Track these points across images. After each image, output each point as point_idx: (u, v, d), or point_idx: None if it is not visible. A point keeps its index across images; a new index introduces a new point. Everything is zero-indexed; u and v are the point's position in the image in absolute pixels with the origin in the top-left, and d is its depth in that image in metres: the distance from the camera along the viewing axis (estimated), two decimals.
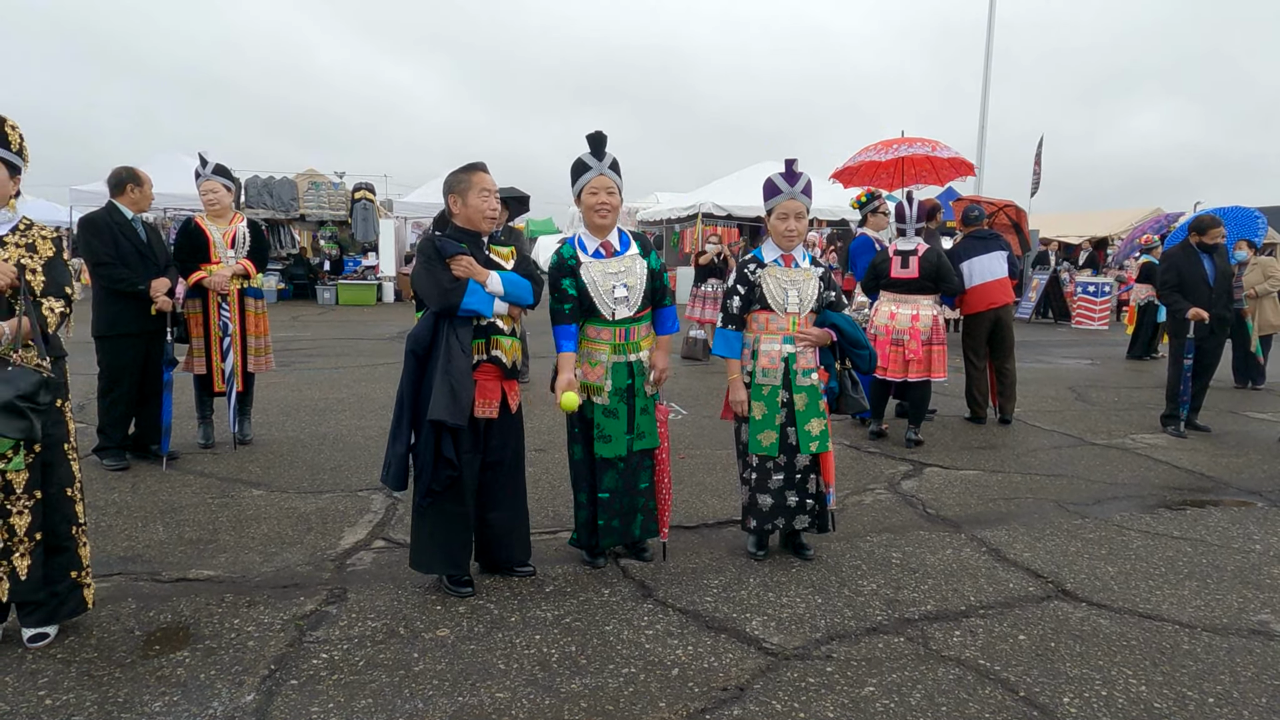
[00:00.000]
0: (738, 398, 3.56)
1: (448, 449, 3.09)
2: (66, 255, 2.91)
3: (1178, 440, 6.28)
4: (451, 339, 3.09)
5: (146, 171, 5.02)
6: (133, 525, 3.91)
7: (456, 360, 3.07)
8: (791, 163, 3.56)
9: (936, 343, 5.75)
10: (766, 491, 3.58)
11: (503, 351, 3.24)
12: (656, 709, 2.47)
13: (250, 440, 5.47)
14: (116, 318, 4.73)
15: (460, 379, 3.05)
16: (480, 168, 3.27)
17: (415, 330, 3.18)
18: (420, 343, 3.15)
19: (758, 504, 3.59)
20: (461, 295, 3.10)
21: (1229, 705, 2.57)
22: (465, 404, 3.06)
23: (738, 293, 3.58)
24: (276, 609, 3.07)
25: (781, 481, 3.58)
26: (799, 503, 3.60)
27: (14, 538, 2.69)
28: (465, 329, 3.14)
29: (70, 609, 2.83)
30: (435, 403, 3.00)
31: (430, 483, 3.10)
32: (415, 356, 3.15)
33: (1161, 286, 6.53)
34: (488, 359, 3.21)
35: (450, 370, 3.04)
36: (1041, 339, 13.74)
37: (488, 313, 3.17)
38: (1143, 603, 3.32)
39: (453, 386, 3.02)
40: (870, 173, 9.13)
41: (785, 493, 3.58)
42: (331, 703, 2.46)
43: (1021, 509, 4.52)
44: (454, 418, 3.02)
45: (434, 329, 3.14)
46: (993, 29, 16.59)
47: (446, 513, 3.20)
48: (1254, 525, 4.32)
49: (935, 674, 2.71)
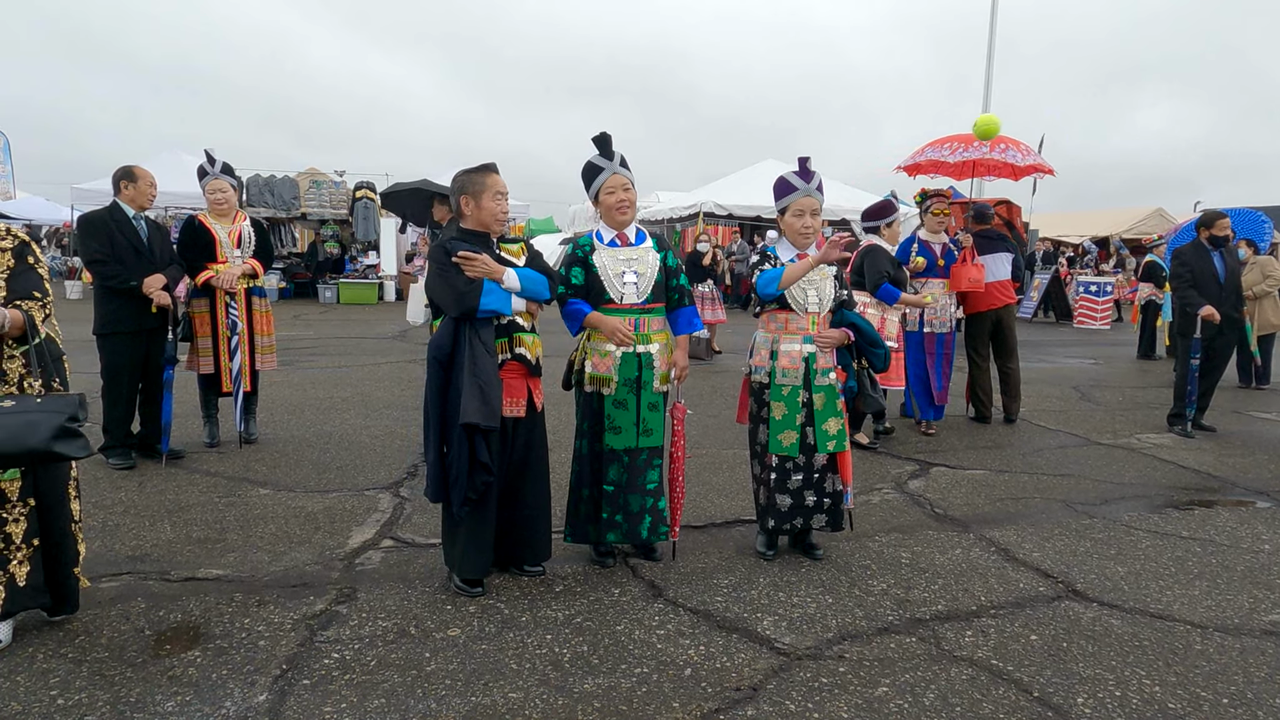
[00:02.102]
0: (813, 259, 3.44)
1: (483, 453, 3.05)
2: (39, 256, 2.83)
3: (1183, 440, 6.27)
4: (475, 341, 3.06)
5: (149, 169, 5.01)
6: (140, 524, 3.90)
7: (482, 361, 3.04)
8: (805, 160, 3.57)
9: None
10: (786, 492, 3.57)
11: (526, 349, 3.23)
12: (670, 709, 2.47)
13: (256, 439, 5.46)
14: (114, 316, 4.73)
15: (489, 380, 3.02)
16: (492, 169, 3.26)
17: (436, 338, 3.15)
18: (443, 350, 3.11)
19: (776, 504, 3.57)
20: (478, 297, 3.08)
21: (1244, 706, 2.56)
22: (496, 405, 3.03)
23: (767, 259, 3.60)
24: (286, 608, 3.06)
25: (801, 481, 3.57)
26: (817, 502, 3.60)
27: (10, 545, 2.69)
28: (487, 329, 3.12)
29: (71, 606, 2.85)
30: (466, 407, 2.97)
31: (467, 491, 3.07)
32: (439, 364, 3.11)
33: (1176, 281, 6.51)
34: (512, 357, 3.20)
35: (478, 372, 3.01)
36: (1044, 339, 13.73)
37: (507, 311, 3.15)
38: (1154, 603, 3.31)
39: (481, 388, 2.99)
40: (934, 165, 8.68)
41: (804, 492, 3.57)
42: (344, 703, 2.45)
43: (1029, 509, 4.51)
44: (486, 420, 2.99)
45: (455, 334, 3.11)
46: (994, 23, 16.57)
47: (477, 517, 3.17)
48: (1262, 525, 4.31)
49: (948, 674, 2.70)
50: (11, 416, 2.48)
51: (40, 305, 2.75)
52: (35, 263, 2.80)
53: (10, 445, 2.45)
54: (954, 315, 6.29)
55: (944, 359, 6.18)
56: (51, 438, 2.50)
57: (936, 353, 6.13)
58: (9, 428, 2.45)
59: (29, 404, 2.54)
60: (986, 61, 16.60)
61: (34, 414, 2.50)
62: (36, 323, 2.71)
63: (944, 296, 6.13)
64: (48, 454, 2.52)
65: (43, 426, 2.49)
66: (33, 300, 2.73)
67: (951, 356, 6.25)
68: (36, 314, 2.71)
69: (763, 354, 3.61)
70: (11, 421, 2.47)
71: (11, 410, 2.49)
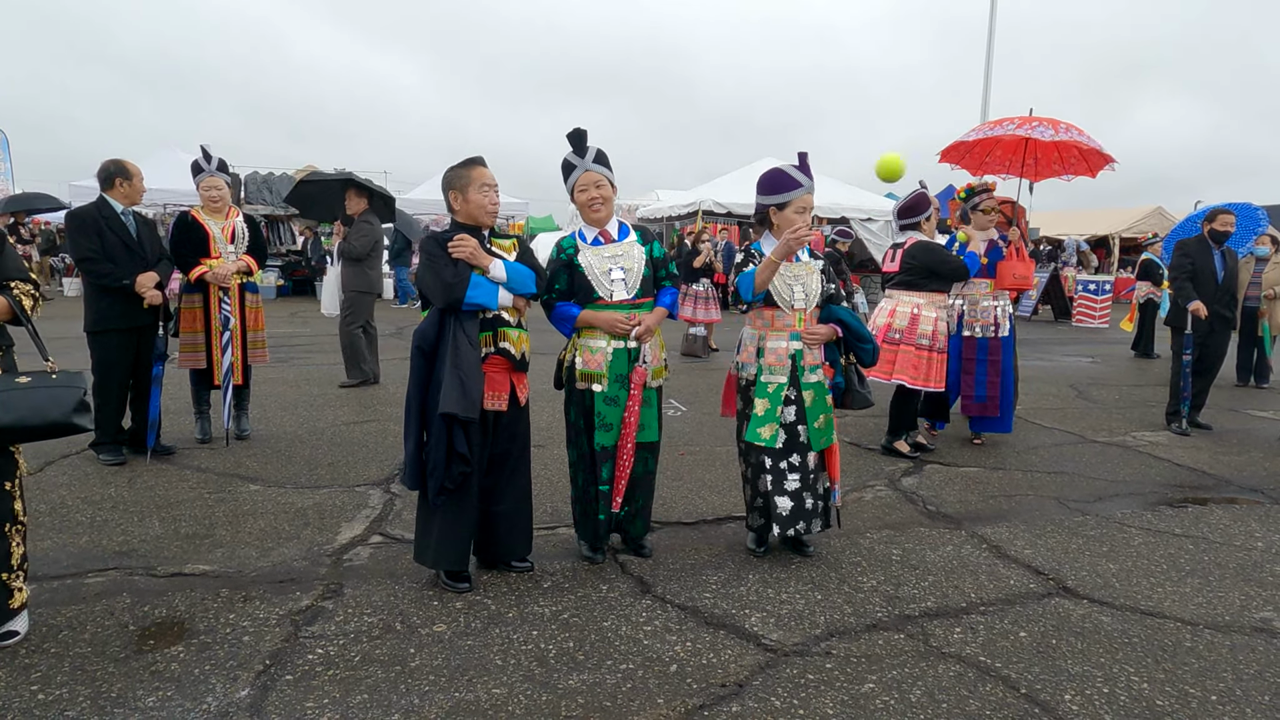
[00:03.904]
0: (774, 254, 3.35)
1: (460, 444, 3.05)
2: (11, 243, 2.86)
3: (1179, 438, 6.26)
4: (459, 333, 3.07)
5: (142, 166, 5.00)
6: (129, 520, 3.89)
7: (465, 353, 3.05)
8: (804, 155, 3.52)
9: (908, 343, 5.28)
10: (784, 493, 3.51)
11: (510, 343, 3.22)
12: (654, 705, 2.45)
13: (248, 435, 5.45)
14: (105, 313, 4.70)
15: (469, 372, 3.03)
16: (479, 162, 3.26)
17: (421, 327, 3.15)
18: (427, 339, 3.12)
19: (776, 508, 3.49)
20: (465, 289, 3.08)
21: (1232, 703, 2.55)
22: (475, 397, 3.04)
23: (751, 259, 3.49)
24: (272, 604, 3.04)
25: (799, 483, 3.53)
26: (814, 505, 3.56)
27: None
28: (472, 322, 3.12)
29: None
30: (445, 396, 2.98)
31: (444, 480, 3.06)
32: (422, 353, 3.12)
33: (1175, 271, 6.49)
34: (496, 351, 3.20)
35: (459, 364, 3.02)
36: (1042, 337, 13.71)
37: (493, 305, 3.15)
38: (1144, 600, 3.29)
39: (462, 380, 3.00)
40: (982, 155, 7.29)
41: (803, 494, 3.53)
42: (327, 698, 2.44)
43: (1023, 506, 4.50)
44: (465, 410, 2.99)
45: (440, 325, 3.12)
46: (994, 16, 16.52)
47: (454, 508, 3.17)
48: (1255, 523, 4.30)
49: (936, 671, 2.69)
50: (35, 391, 2.58)
51: (34, 285, 2.81)
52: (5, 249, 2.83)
53: (34, 418, 2.55)
54: (1002, 317, 5.67)
55: (987, 365, 5.64)
56: (73, 410, 2.60)
57: (977, 358, 5.66)
58: (33, 401, 2.56)
59: (47, 380, 2.63)
60: (985, 60, 16.57)
61: (56, 388, 2.61)
62: (26, 307, 2.75)
63: (986, 298, 5.66)
64: (68, 426, 2.61)
65: (66, 399, 2.60)
66: (29, 283, 2.79)
67: (1001, 364, 5.64)
68: (26, 301, 2.75)
69: (749, 350, 3.58)
70: (36, 396, 2.57)
71: (32, 385, 2.59)
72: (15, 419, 2.52)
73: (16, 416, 2.52)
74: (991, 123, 7.19)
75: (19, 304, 2.71)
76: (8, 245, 2.80)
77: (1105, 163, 6.94)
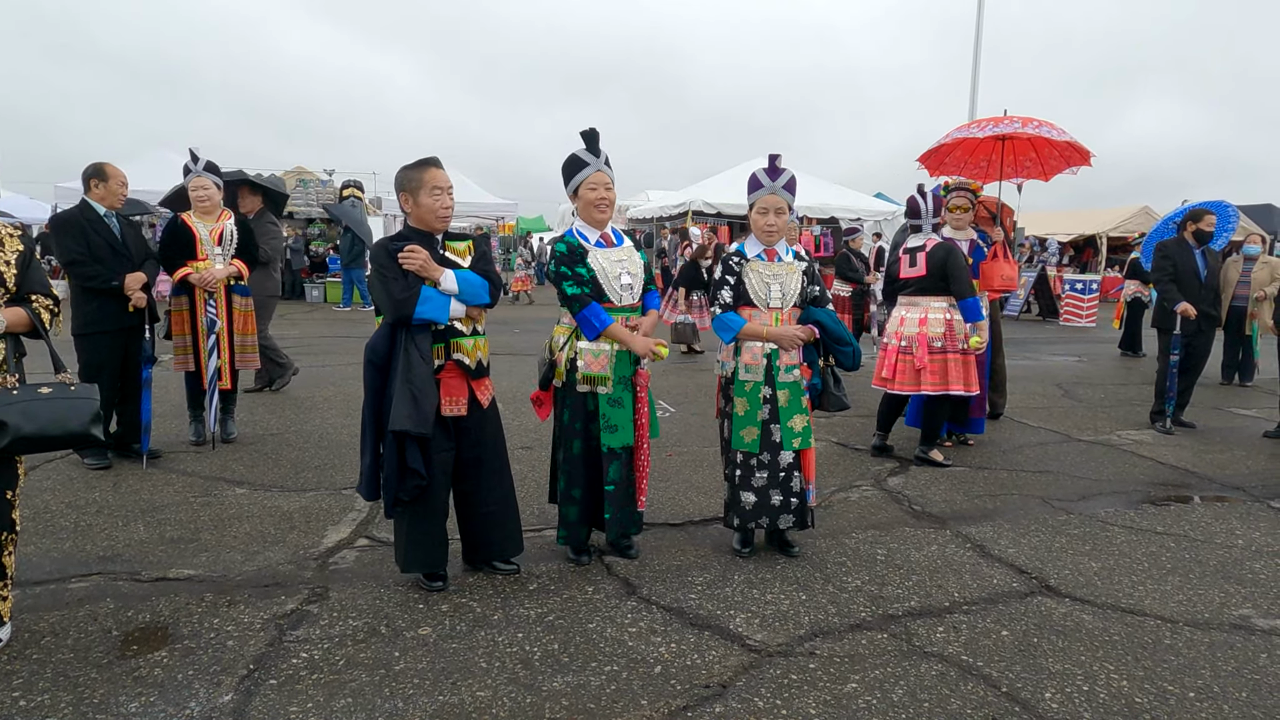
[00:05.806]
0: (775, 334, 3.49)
1: (414, 460, 3.02)
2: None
3: (1163, 436, 6.31)
4: (410, 347, 3.02)
5: (134, 169, 4.98)
6: (113, 524, 3.87)
7: (417, 368, 3.00)
8: (775, 158, 3.57)
9: (953, 350, 5.06)
10: (750, 489, 3.57)
11: (464, 354, 3.18)
12: (638, 707, 2.46)
13: (234, 438, 5.43)
14: (92, 316, 4.69)
15: (422, 387, 2.98)
16: (433, 163, 3.16)
17: (372, 340, 3.10)
18: (378, 353, 3.07)
19: (740, 501, 3.58)
20: (414, 304, 3.01)
21: (1209, 700, 2.57)
22: (428, 412, 2.99)
23: (727, 283, 3.56)
24: (257, 608, 3.04)
25: (765, 479, 3.57)
26: (783, 501, 3.59)
27: None
28: (424, 336, 3.07)
29: None
30: (396, 413, 2.93)
31: (397, 492, 3.05)
32: (374, 366, 3.07)
33: (1158, 274, 6.53)
34: (450, 360, 3.17)
35: (411, 379, 2.97)
36: (1029, 336, 13.78)
37: (443, 319, 3.09)
38: (1125, 598, 3.32)
39: (414, 395, 2.95)
40: (962, 158, 7.51)
41: (769, 491, 3.57)
42: (310, 702, 2.44)
43: (1007, 505, 4.53)
44: (417, 427, 2.95)
45: (391, 338, 3.07)
46: (980, 23, 16.59)
47: (420, 512, 3.17)
48: (1236, 520, 4.34)
49: (918, 670, 2.71)
50: (56, 402, 2.63)
51: (55, 301, 2.83)
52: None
53: (54, 429, 2.59)
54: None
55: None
56: (90, 420, 2.66)
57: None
58: (55, 412, 2.60)
59: (65, 390, 2.67)
60: (973, 61, 16.64)
61: (75, 399, 2.66)
62: (44, 320, 2.77)
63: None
64: (85, 436, 2.66)
65: (84, 410, 2.66)
66: (50, 297, 2.81)
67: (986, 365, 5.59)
68: (45, 315, 2.78)
69: (727, 349, 3.62)
70: (58, 406, 2.62)
71: (53, 396, 2.63)
72: (37, 429, 2.56)
73: (38, 426, 2.56)
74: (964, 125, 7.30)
75: (38, 317, 2.74)
76: (35, 260, 2.83)
77: (1084, 158, 7.01)
